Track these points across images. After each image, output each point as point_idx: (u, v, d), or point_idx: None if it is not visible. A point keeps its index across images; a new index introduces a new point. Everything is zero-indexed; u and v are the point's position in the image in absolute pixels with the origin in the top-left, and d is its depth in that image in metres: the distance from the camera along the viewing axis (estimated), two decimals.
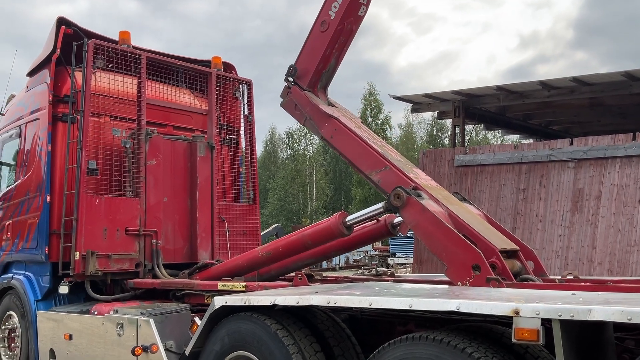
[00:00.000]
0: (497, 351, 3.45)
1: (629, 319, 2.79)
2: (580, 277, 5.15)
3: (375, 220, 5.85)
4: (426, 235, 4.83)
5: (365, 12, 5.74)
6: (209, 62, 7.89)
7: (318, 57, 5.78)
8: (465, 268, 4.47)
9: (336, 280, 5.92)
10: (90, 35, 6.88)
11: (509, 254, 4.84)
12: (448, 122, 30.71)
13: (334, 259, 25.06)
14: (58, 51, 6.82)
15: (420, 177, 5.40)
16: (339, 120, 5.68)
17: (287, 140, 56.68)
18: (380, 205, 5.14)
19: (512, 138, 21.75)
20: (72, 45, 6.70)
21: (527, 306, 3.09)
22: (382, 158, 5.36)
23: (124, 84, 6.85)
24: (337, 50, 5.81)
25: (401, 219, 5.11)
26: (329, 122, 5.70)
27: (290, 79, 5.95)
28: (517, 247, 5.02)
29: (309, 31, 5.86)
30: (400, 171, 5.26)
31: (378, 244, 27.42)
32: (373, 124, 43.98)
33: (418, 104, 16.26)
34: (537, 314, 3.02)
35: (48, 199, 6.79)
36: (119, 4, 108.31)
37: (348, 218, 5.32)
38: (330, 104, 5.99)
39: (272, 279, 6.15)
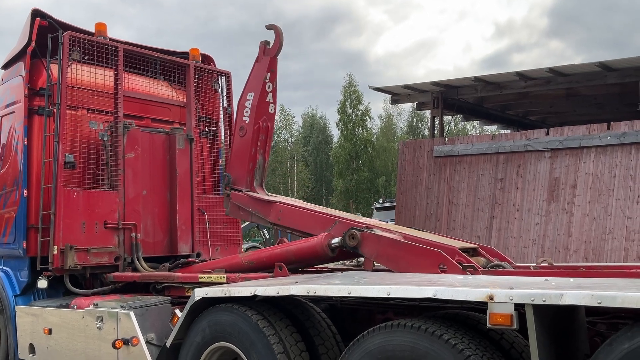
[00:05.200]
0: (474, 337, 3.52)
1: (599, 303, 2.87)
2: (555, 264, 5.28)
3: None
4: (389, 260, 4.95)
5: (275, 108, 6.26)
6: (187, 54, 7.85)
7: (246, 159, 6.22)
8: (433, 271, 4.56)
9: (316, 271, 5.96)
10: (66, 27, 6.79)
11: (470, 253, 4.99)
12: (427, 113, 30.88)
13: None
14: (33, 43, 6.73)
15: (369, 220, 5.73)
16: (281, 202, 6.05)
17: None
18: (337, 239, 5.23)
19: (491, 128, 21.98)
20: (47, 37, 6.62)
21: (501, 292, 3.16)
22: (330, 216, 5.62)
23: (100, 77, 6.78)
24: (260, 148, 6.27)
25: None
26: (273, 207, 6.02)
27: (227, 187, 6.33)
28: (476, 245, 5.20)
29: (231, 140, 6.26)
30: (350, 220, 5.51)
31: None
32: (353, 115, 43.93)
33: (397, 95, 16.34)
34: (511, 299, 3.10)
35: (25, 193, 6.73)
36: None
37: (334, 240, 5.30)
38: (270, 196, 6.35)
39: None
